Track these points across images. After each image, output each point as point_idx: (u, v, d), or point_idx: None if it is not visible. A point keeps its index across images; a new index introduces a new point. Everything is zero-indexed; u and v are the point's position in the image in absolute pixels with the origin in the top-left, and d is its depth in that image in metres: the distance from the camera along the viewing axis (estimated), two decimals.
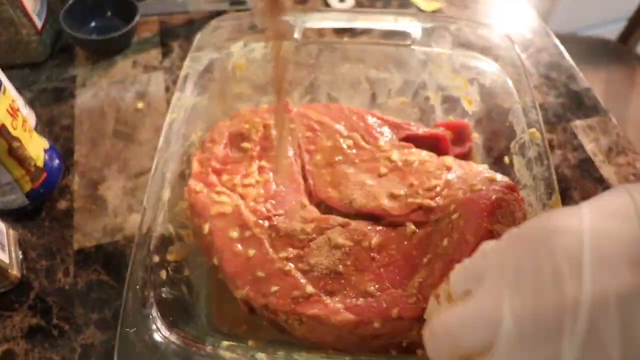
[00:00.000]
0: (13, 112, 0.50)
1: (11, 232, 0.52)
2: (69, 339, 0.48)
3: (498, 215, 0.39)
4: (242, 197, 0.43)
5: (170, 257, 0.42)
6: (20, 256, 0.52)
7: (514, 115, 0.46)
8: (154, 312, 0.38)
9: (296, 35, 0.52)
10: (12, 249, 0.51)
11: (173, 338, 0.37)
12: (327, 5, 0.70)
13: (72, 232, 0.54)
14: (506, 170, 0.46)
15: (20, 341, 0.48)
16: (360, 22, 0.52)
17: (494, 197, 0.39)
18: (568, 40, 0.94)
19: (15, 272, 0.50)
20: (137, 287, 0.39)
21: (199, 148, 0.47)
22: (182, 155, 0.47)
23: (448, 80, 0.51)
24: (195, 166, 0.45)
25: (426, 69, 0.52)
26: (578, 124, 0.58)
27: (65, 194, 0.56)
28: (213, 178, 0.44)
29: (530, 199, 0.43)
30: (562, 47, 0.65)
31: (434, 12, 0.68)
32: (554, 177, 0.42)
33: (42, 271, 0.52)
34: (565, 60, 0.64)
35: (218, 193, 0.43)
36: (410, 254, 0.40)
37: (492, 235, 0.37)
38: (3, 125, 0.48)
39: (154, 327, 0.38)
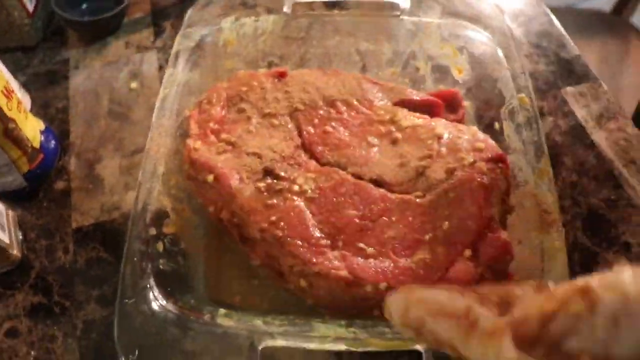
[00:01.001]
0: (8, 93, 0.50)
1: (10, 213, 0.53)
2: (70, 315, 0.49)
3: (492, 199, 0.40)
4: (242, 146, 0.44)
5: (166, 229, 0.43)
6: (20, 237, 0.53)
7: (503, 82, 0.47)
8: (152, 283, 0.39)
9: (285, 8, 0.53)
10: (12, 229, 0.52)
11: (170, 307, 0.38)
12: None
13: (70, 212, 0.55)
14: (496, 135, 0.46)
15: (23, 319, 0.49)
16: None
17: (487, 181, 0.40)
18: (563, 12, 0.94)
19: (15, 252, 0.51)
20: (135, 259, 0.40)
21: (194, 108, 0.48)
22: (176, 131, 0.48)
23: (437, 49, 0.51)
24: (194, 127, 0.46)
25: (415, 39, 0.52)
26: (569, 91, 0.59)
27: (62, 174, 0.57)
28: (212, 138, 0.45)
29: (521, 163, 0.43)
30: (552, 16, 0.65)
31: None
32: (543, 140, 0.43)
33: (42, 251, 0.53)
34: (555, 29, 0.64)
35: (218, 149, 0.44)
36: (412, 226, 0.41)
37: (490, 221, 0.39)
38: None
39: (151, 297, 0.39)
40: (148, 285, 0.39)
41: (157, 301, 0.39)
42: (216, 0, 0.53)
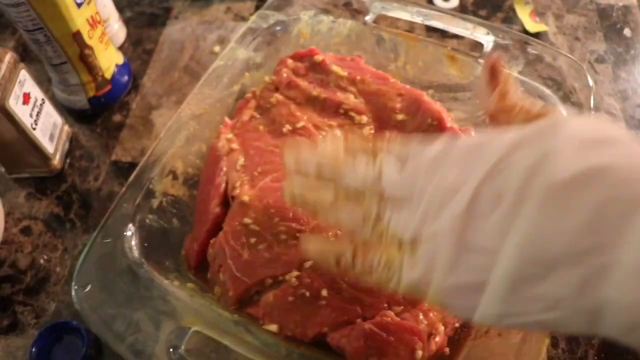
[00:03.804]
0: (93, 22, 0.54)
1: (65, 128, 0.57)
2: (76, 234, 0.52)
3: None
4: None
5: (169, 189, 0.44)
6: (66, 151, 0.57)
7: None
8: (132, 232, 0.40)
9: (368, 18, 0.51)
10: (61, 142, 0.56)
11: (138, 259, 0.39)
12: (431, 2, 0.68)
13: (115, 144, 0.58)
14: None
15: (39, 223, 0.53)
16: (435, 21, 0.50)
17: None
18: None
19: (56, 162, 0.55)
20: (125, 204, 0.41)
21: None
22: (218, 102, 0.48)
23: None
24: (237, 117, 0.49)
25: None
26: None
27: (123, 109, 0.60)
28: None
29: None
30: None
31: (536, 34, 0.63)
32: None
33: (78, 170, 0.56)
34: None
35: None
36: None
37: None
38: (78, 32, 0.52)
39: (126, 245, 0.40)
40: (127, 232, 0.40)
41: (130, 251, 0.40)
42: None
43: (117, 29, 0.64)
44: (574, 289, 0.23)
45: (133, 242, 0.40)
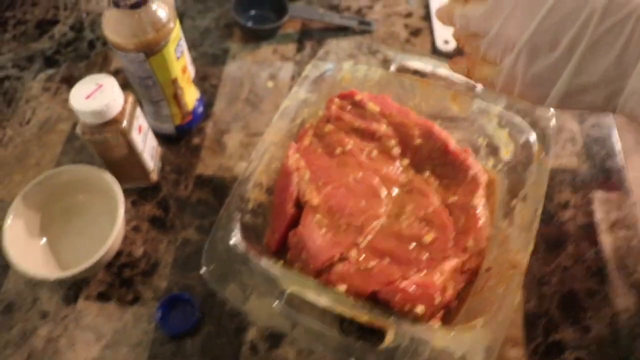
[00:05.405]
0: (184, 70, 0.71)
1: (159, 148, 0.75)
2: (176, 231, 0.69)
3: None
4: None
5: (258, 196, 0.62)
6: (160, 167, 0.75)
7: (530, 172, 0.61)
8: (237, 227, 0.58)
9: (392, 68, 0.70)
10: (157, 160, 0.74)
11: (243, 248, 0.56)
12: (434, 44, 0.86)
13: (198, 161, 0.75)
14: (510, 210, 0.60)
15: (145, 222, 0.70)
16: (442, 69, 0.68)
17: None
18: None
19: (154, 176, 0.73)
20: (231, 207, 0.59)
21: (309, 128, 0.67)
22: (287, 131, 0.66)
23: (494, 131, 0.66)
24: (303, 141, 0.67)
25: (483, 118, 0.67)
26: (598, 195, 0.70)
27: (200, 133, 0.78)
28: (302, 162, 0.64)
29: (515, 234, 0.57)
30: (615, 129, 0.76)
31: None
32: (535, 227, 0.56)
33: (170, 181, 0.74)
34: (612, 140, 0.75)
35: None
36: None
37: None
38: (176, 79, 0.70)
39: (233, 236, 0.57)
40: (234, 228, 0.58)
41: (236, 240, 0.57)
42: (344, 45, 0.71)
43: (190, 68, 0.82)
44: (602, 99, 0.42)
45: (238, 234, 0.58)
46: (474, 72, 0.50)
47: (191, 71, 0.82)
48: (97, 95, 0.60)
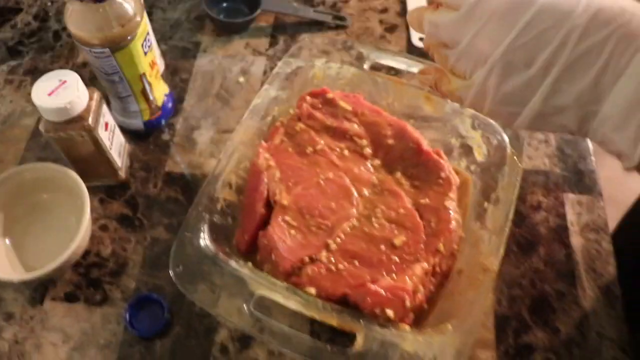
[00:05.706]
0: (152, 64, 0.69)
1: (127, 145, 0.73)
2: (144, 230, 0.68)
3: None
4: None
5: (227, 196, 0.60)
6: (128, 164, 0.73)
7: (502, 173, 0.60)
8: (205, 228, 0.56)
9: (365, 66, 0.69)
10: (125, 157, 0.72)
11: (212, 248, 0.55)
12: (409, 40, 0.85)
13: (167, 158, 0.73)
14: (483, 213, 0.60)
15: (113, 221, 0.69)
16: (416, 68, 0.67)
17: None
18: None
19: (122, 173, 0.71)
20: (199, 207, 0.57)
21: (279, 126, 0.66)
22: (257, 129, 0.65)
23: (468, 132, 0.65)
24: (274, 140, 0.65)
25: (456, 118, 0.66)
26: (570, 197, 0.70)
27: (170, 129, 0.76)
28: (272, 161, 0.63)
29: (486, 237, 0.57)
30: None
31: None
32: (507, 227, 0.56)
33: (139, 179, 0.72)
34: (585, 143, 0.75)
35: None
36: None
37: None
38: (144, 74, 0.68)
39: (202, 237, 0.56)
40: (202, 228, 0.56)
41: (204, 241, 0.56)
42: (317, 42, 0.70)
43: (159, 61, 0.80)
44: (575, 122, 0.41)
45: (206, 235, 0.56)
46: (442, 85, 0.47)
47: (160, 65, 0.80)
48: (60, 92, 0.58)
